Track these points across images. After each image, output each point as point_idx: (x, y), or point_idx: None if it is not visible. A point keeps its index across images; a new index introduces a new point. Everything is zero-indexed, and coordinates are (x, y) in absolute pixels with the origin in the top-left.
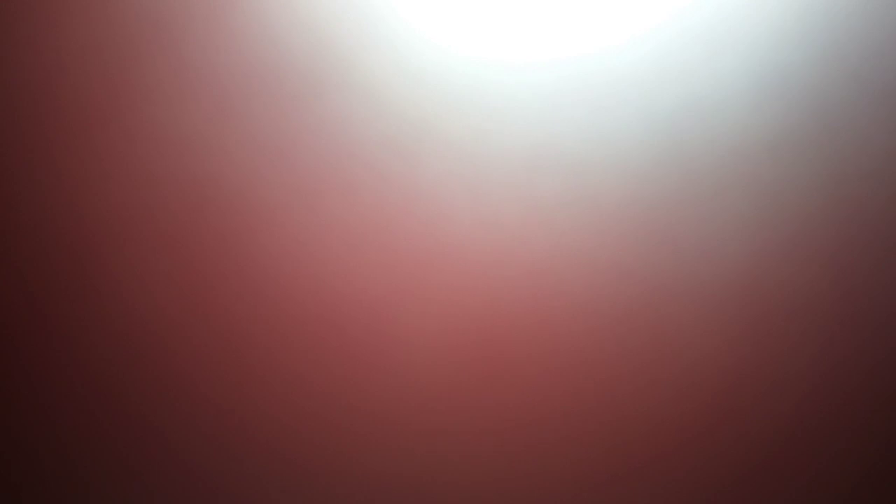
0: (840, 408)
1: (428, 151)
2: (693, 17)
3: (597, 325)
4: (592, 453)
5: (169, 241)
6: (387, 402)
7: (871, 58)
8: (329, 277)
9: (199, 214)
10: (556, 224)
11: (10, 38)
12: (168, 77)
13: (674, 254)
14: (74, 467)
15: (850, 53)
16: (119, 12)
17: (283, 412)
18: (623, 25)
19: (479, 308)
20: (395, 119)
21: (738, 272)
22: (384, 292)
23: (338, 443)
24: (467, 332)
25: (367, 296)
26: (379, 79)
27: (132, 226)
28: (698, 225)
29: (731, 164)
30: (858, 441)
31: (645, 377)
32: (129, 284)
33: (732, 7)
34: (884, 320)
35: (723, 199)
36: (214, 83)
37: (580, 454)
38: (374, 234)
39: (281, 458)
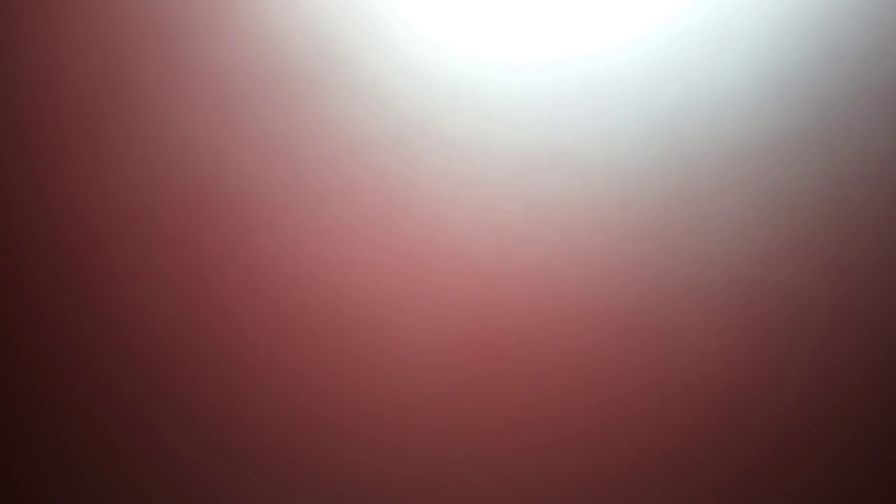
0: (840, 408)
1: (428, 151)
2: (693, 17)
3: (597, 324)
4: (592, 453)
5: (169, 240)
6: (387, 402)
7: (871, 58)
8: (329, 277)
9: (199, 214)
10: (556, 224)
11: (10, 38)
12: (168, 77)
13: (673, 254)
14: (74, 466)
15: (850, 53)
16: (119, 12)
17: (283, 412)
18: (623, 25)
19: (479, 308)
20: (395, 119)
21: (737, 272)
22: (384, 292)
23: (338, 443)
24: (467, 332)
25: (368, 296)
26: (379, 79)
27: (132, 225)
28: (698, 225)
29: (731, 164)
30: (858, 441)
31: (645, 377)
32: (129, 284)
33: (732, 7)
34: (884, 320)
35: (723, 199)
36: (214, 83)
37: (580, 454)
38: (374, 234)
39: (281, 458)
